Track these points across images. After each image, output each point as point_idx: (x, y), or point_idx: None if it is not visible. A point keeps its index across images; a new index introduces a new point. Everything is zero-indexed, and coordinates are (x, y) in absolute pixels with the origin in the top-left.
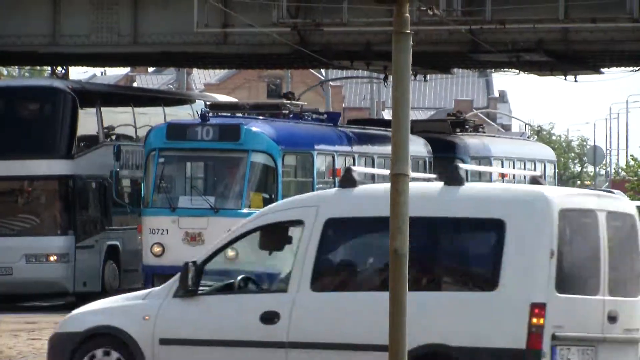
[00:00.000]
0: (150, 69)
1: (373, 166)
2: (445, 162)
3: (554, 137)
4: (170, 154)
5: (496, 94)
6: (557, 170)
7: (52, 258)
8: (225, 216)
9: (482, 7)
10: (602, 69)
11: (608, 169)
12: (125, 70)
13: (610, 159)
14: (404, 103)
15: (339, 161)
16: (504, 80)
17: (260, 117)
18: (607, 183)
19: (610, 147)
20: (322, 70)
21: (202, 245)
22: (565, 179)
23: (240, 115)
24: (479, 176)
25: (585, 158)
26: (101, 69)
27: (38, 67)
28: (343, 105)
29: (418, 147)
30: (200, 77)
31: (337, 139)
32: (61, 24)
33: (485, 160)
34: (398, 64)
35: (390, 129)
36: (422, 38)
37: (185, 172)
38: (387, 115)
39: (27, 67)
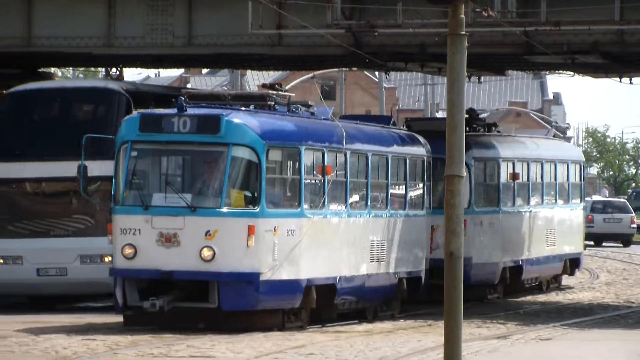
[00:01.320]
0: (204, 71)
1: (367, 164)
2: (443, 162)
3: (608, 140)
4: (144, 147)
5: (550, 96)
6: (584, 171)
7: (106, 259)
8: (203, 215)
9: (537, 9)
10: None
11: None
12: (180, 71)
13: None
14: (459, 105)
15: (329, 158)
16: (559, 82)
17: (243, 109)
18: None
19: None
20: (377, 73)
21: (178, 247)
22: (620, 181)
23: (221, 106)
24: (484, 177)
25: (638, 160)
26: (155, 71)
27: (92, 69)
28: (397, 107)
29: (415, 146)
30: (254, 79)
31: (328, 134)
32: (116, 26)
33: (492, 161)
34: (453, 66)
35: (386, 126)
36: (476, 40)
37: (159, 167)
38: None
39: (82, 69)
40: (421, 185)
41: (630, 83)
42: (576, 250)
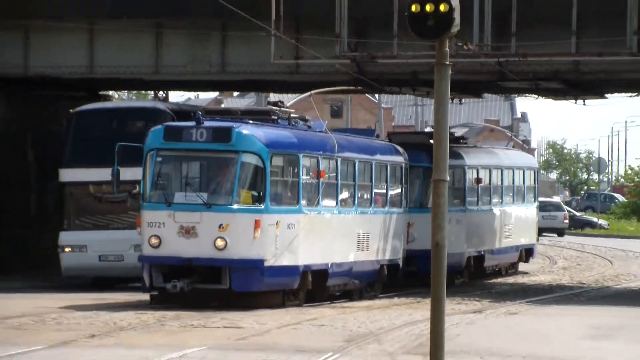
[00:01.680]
0: (235, 94)
1: (355, 169)
2: (418, 169)
3: (565, 150)
4: (167, 153)
5: (519, 115)
6: (537, 176)
7: None
8: (217, 211)
9: (508, 43)
10: (606, 94)
11: (610, 177)
12: (215, 94)
13: (611, 169)
14: (444, 123)
15: (323, 163)
16: (526, 103)
17: (251, 122)
18: (609, 188)
19: (611, 158)
20: (376, 96)
21: (196, 238)
22: (575, 184)
23: (232, 119)
24: (452, 181)
25: (591, 167)
26: (195, 93)
27: (143, 92)
28: (392, 124)
29: (395, 155)
30: (274, 98)
31: (322, 143)
32: (163, 57)
33: (459, 168)
34: (439, 91)
35: (368, 137)
36: (458, 68)
37: (180, 170)
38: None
39: (134, 92)
40: (400, 187)
41: (584, 104)
42: (530, 242)
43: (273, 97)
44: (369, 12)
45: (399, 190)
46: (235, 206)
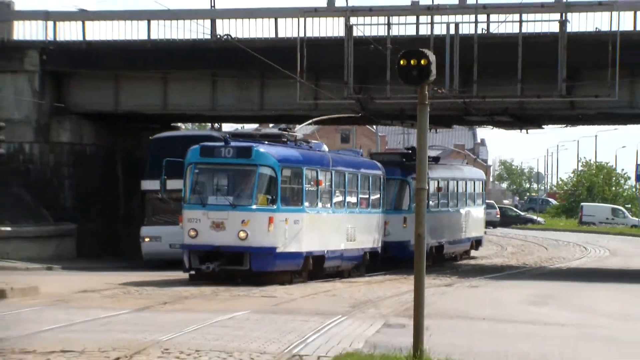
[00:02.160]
0: (270, 125)
1: (345, 179)
2: (393, 180)
3: (513, 166)
4: (203, 166)
5: (479, 140)
6: (484, 185)
7: None
8: (240, 210)
9: (471, 88)
10: (543, 126)
11: (545, 186)
12: (255, 125)
13: (547, 180)
14: (424, 147)
15: (321, 174)
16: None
17: (266, 142)
18: (545, 194)
19: (547, 172)
20: (374, 126)
21: (224, 231)
22: (520, 191)
23: (253, 140)
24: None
25: (532, 179)
26: (241, 125)
27: (203, 124)
28: (386, 147)
29: (375, 169)
30: (300, 130)
31: (320, 159)
32: (217, 98)
33: None
34: (420, 124)
35: (357, 156)
36: (434, 106)
37: (213, 179)
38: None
39: (196, 124)
40: (378, 193)
41: (527, 133)
42: (479, 234)
43: (298, 128)
44: (368, 65)
45: (378, 196)
46: (254, 206)
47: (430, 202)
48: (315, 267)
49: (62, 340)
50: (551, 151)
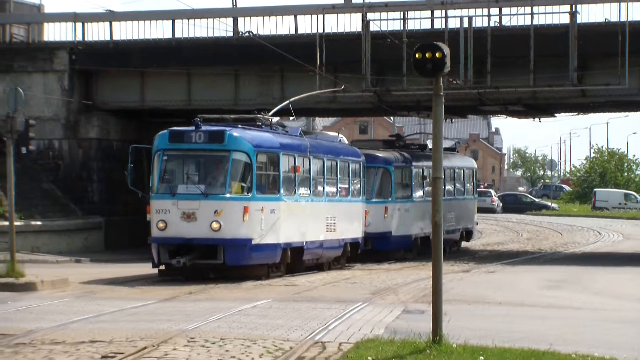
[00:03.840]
0: (291, 118)
1: (323, 166)
2: (373, 168)
3: (527, 154)
4: (172, 153)
5: (493, 130)
6: (476, 174)
7: None
8: (212, 199)
9: (485, 78)
10: (555, 114)
11: (559, 173)
12: (276, 119)
13: (560, 167)
14: (439, 136)
15: (298, 160)
16: (498, 120)
17: (240, 126)
18: (559, 181)
19: (560, 159)
20: (391, 117)
21: (196, 222)
22: (534, 179)
23: (224, 124)
24: (401, 178)
25: (546, 166)
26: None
27: None
28: (418, 139)
29: (355, 156)
30: (320, 122)
31: (298, 145)
32: (239, 93)
33: (407, 168)
34: (436, 114)
35: (336, 142)
36: (449, 97)
37: (182, 166)
38: (429, 143)
39: None
40: (358, 182)
41: (540, 121)
42: (470, 225)
43: (318, 120)
44: (385, 59)
45: (358, 184)
46: (227, 195)
47: (414, 191)
48: (293, 259)
49: (91, 331)
50: (564, 139)
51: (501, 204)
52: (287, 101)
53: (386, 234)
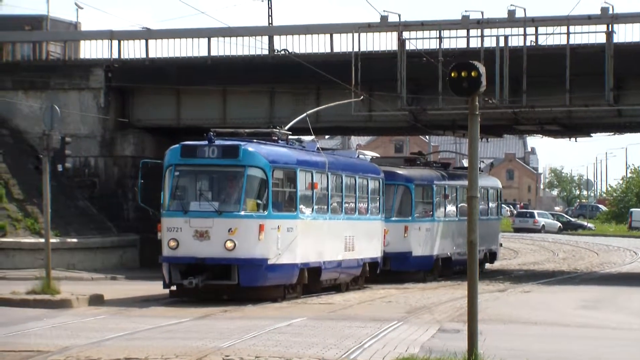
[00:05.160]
0: (326, 137)
1: (342, 183)
2: (392, 186)
3: (563, 174)
4: (184, 168)
5: (529, 149)
6: (501, 194)
7: None
8: (226, 217)
9: (520, 98)
10: (591, 134)
11: (595, 193)
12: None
13: (596, 187)
14: (475, 156)
15: (316, 177)
16: (534, 140)
17: (255, 141)
18: (595, 201)
19: (596, 179)
20: (427, 137)
21: (209, 240)
22: (570, 198)
23: (239, 139)
24: (422, 197)
25: (582, 186)
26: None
27: None
28: (439, 157)
29: (374, 173)
30: (355, 140)
31: (315, 161)
32: (274, 111)
33: (428, 187)
34: (471, 133)
35: (355, 158)
36: (485, 116)
37: (195, 182)
38: (465, 163)
39: None
40: (377, 199)
41: (576, 141)
42: (494, 246)
43: (354, 139)
44: (420, 77)
45: (377, 202)
46: (242, 212)
47: (435, 210)
48: (311, 280)
49: (126, 348)
50: (600, 158)
51: (559, 224)
52: (304, 114)
53: (406, 254)
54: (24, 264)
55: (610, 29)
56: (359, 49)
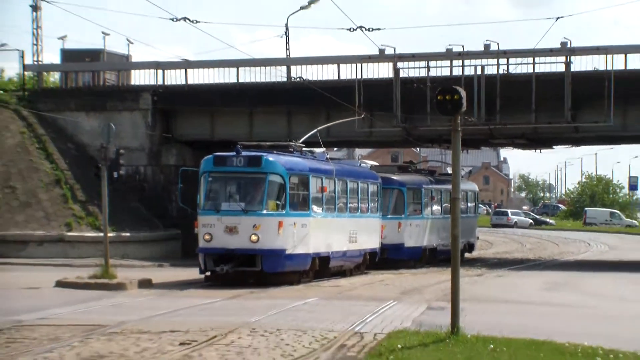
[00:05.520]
0: (335, 149)
1: (347, 186)
2: (388, 189)
3: (530, 179)
4: (216, 175)
5: (502, 159)
6: (478, 196)
7: None
8: (251, 215)
9: (495, 116)
10: (553, 146)
11: (557, 195)
12: (323, 149)
13: (557, 190)
14: (458, 164)
15: (325, 182)
16: (506, 151)
17: (275, 152)
18: (556, 201)
19: (557, 184)
20: (417, 149)
21: (237, 234)
22: (536, 200)
23: (262, 150)
24: (413, 198)
25: (545, 189)
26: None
27: None
28: (427, 165)
29: (373, 179)
30: (358, 152)
31: (324, 168)
32: (292, 128)
33: (418, 190)
34: (454, 146)
35: (357, 166)
36: (465, 132)
37: (225, 186)
38: (449, 170)
39: None
40: (376, 200)
41: (540, 152)
42: (472, 239)
43: (357, 151)
44: (412, 100)
45: (375, 202)
46: (264, 212)
47: (424, 209)
48: (321, 267)
49: (171, 322)
50: (560, 167)
51: (531, 221)
52: (316, 130)
53: (399, 246)
54: (87, 254)
55: (568, 60)
56: (361, 77)
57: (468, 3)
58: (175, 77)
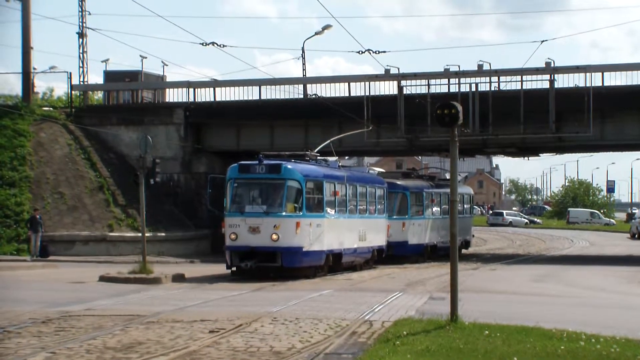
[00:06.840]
0: (346, 157)
1: (356, 190)
2: (393, 193)
3: (519, 184)
4: (241, 181)
5: (494, 165)
6: (472, 199)
7: None
8: (272, 217)
9: (487, 128)
10: (539, 154)
11: (543, 197)
12: (335, 157)
13: (544, 193)
14: (455, 171)
15: (338, 187)
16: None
17: (293, 160)
18: (542, 203)
19: (543, 187)
20: (419, 157)
21: (259, 234)
22: (524, 201)
23: (281, 159)
24: (415, 200)
25: (533, 192)
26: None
27: None
28: (427, 172)
29: (381, 184)
30: (367, 160)
31: (337, 175)
32: (308, 139)
33: (420, 193)
34: (452, 154)
35: (365, 172)
36: (461, 142)
37: (249, 191)
38: (447, 176)
39: None
40: (382, 202)
41: (528, 159)
42: (468, 237)
43: (366, 159)
44: (415, 113)
45: (382, 204)
46: (284, 213)
47: (425, 210)
48: (334, 262)
49: (202, 312)
50: (546, 172)
51: (526, 221)
52: (329, 141)
53: (403, 243)
54: (126, 252)
55: (552, 78)
56: (369, 93)
57: (462, 29)
58: (204, 95)
